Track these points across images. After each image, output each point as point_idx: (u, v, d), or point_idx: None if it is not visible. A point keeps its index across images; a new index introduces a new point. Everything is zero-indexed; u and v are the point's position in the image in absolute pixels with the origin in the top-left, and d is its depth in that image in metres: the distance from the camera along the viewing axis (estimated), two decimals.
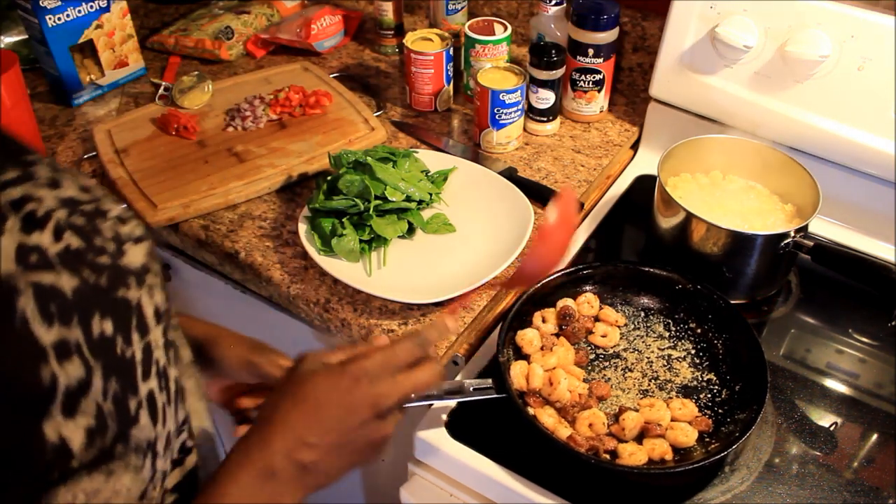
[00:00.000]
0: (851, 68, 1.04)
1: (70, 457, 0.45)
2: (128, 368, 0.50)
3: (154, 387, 0.52)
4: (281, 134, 1.25)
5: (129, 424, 0.49)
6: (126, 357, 0.49)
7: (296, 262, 1.04)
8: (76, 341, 0.46)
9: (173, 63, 1.45)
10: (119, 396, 0.48)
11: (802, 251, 0.98)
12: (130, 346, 0.50)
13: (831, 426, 0.91)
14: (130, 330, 0.50)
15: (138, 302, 0.52)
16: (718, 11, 1.11)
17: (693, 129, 1.18)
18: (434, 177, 1.13)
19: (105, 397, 0.47)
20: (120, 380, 0.48)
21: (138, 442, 0.50)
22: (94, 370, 0.46)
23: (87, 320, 0.47)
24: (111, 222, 0.54)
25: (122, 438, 0.49)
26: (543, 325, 0.96)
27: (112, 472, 0.49)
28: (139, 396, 0.50)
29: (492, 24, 1.28)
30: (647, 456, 0.83)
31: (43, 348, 0.44)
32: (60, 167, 0.54)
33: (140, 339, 0.51)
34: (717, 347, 0.95)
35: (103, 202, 0.54)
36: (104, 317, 0.48)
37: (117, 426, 0.48)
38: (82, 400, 0.45)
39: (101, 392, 0.47)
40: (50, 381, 0.44)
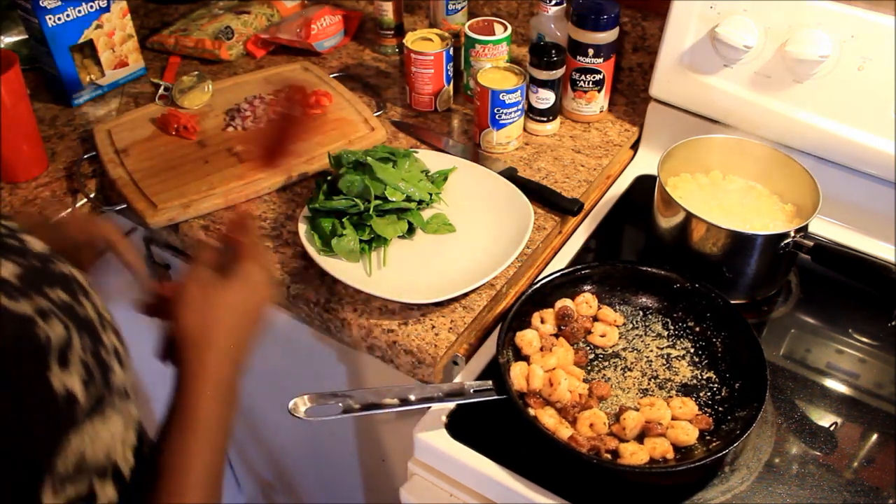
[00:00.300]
0: (851, 68, 1.04)
1: (76, 403, 0.51)
2: (91, 325, 0.56)
3: (113, 338, 0.59)
4: None
5: (107, 371, 0.56)
6: (86, 317, 0.56)
7: (296, 262, 1.04)
8: (48, 307, 0.52)
9: (173, 63, 1.45)
10: (93, 349, 0.55)
11: (802, 251, 0.98)
12: (84, 307, 0.57)
13: (831, 426, 0.91)
14: (78, 295, 0.57)
15: (71, 273, 0.59)
16: (718, 11, 1.11)
17: (693, 129, 1.18)
18: (434, 177, 1.13)
19: (84, 351, 0.53)
20: (89, 335, 0.55)
21: (117, 387, 0.57)
22: (70, 328, 0.53)
23: (44, 291, 0.53)
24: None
25: (106, 385, 0.55)
26: (542, 325, 0.96)
27: (105, 415, 0.55)
28: (107, 347, 0.57)
29: (492, 24, 1.28)
30: (648, 455, 0.83)
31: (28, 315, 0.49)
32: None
33: (87, 301, 0.58)
34: (716, 345, 0.95)
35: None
36: (53, 287, 0.55)
37: (100, 374, 0.55)
38: (69, 354, 0.51)
39: (81, 347, 0.53)
40: (45, 338, 0.49)
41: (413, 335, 0.95)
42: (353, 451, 1.28)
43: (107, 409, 0.55)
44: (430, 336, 0.95)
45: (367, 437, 1.23)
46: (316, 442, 1.35)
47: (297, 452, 1.43)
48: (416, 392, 0.83)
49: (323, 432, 1.30)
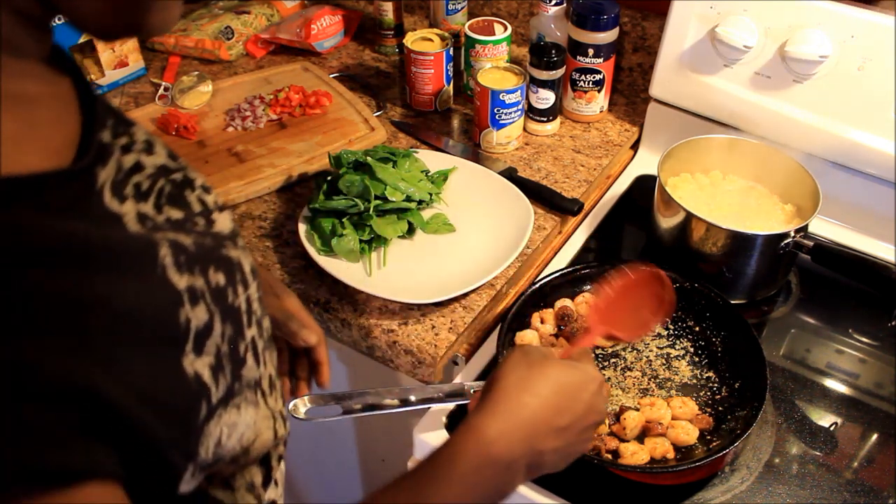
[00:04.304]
0: (851, 68, 1.04)
1: (209, 390, 0.49)
2: (237, 315, 0.54)
3: (255, 333, 0.57)
4: (281, 134, 1.25)
5: (240, 365, 0.54)
6: (235, 306, 0.54)
7: (296, 262, 1.04)
8: (201, 289, 0.50)
9: (173, 63, 1.45)
10: (232, 339, 0.53)
11: (802, 251, 0.98)
12: (237, 296, 0.55)
13: (831, 426, 0.91)
14: (236, 283, 0.55)
15: (238, 260, 0.57)
16: (718, 11, 1.11)
17: (693, 129, 1.18)
18: (434, 177, 1.13)
19: (223, 339, 0.51)
20: (232, 325, 0.53)
21: (248, 381, 0.55)
22: (214, 315, 0.51)
23: (206, 271, 0.51)
24: (198, 192, 0.59)
25: (237, 378, 0.53)
26: (542, 325, 0.96)
27: (239, 406, 0.53)
28: (246, 341, 0.55)
29: (492, 24, 1.28)
30: (648, 455, 0.83)
31: (179, 293, 0.48)
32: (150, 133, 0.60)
33: (243, 292, 0.56)
34: (716, 345, 0.95)
35: (188, 172, 0.60)
36: (217, 270, 0.53)
37: (231, 365, 0.52)
38: (207, 341, 0.49)
39: (220, 335, 0.51)
40: (185, 322, 0.48)
41: (413, 335, 0.95)
42: (353, 451, 1.28)
43: (238, 400, 0.53)
44: (430, 336, 0.95)
45: (366, 437, 1.23)
46: (316, 442, 1.35)
47: (296, 452, 1.43)
48: (416, 393, 0.83)
49: (323, 432, 1.30)
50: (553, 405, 0.63)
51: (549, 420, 0.62)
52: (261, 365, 0.58)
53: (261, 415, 0.56)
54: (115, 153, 0.50)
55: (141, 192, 0.52)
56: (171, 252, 0.48)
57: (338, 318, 0.97)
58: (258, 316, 0.59)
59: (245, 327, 0.55)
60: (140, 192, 0.52)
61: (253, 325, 0.57)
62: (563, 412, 0.63)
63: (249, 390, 0.55)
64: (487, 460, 0.59)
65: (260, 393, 0.57)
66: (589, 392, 0.65)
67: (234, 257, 0.57)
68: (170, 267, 0.48)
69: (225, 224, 0.60)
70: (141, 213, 0.50)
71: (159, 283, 0.47)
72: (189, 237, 0.52)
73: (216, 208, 0.60)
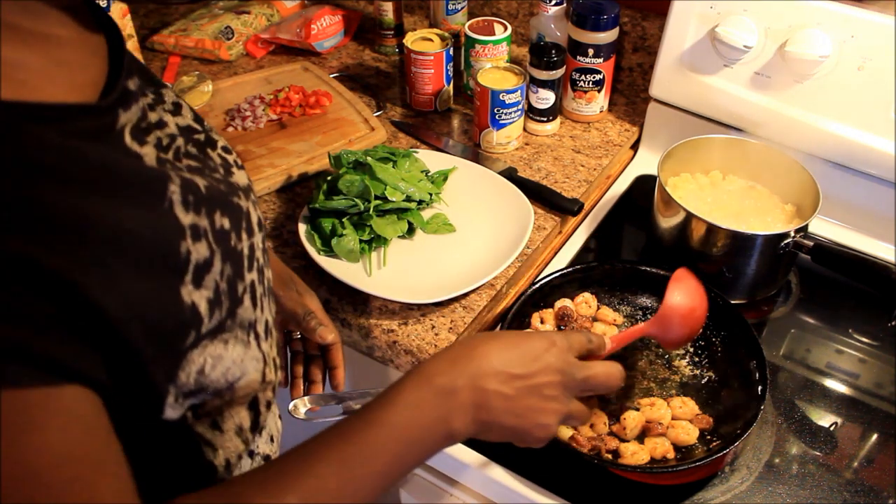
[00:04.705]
0: (851, 68, 1.04)
1: (201, 320, 0.52)
2: (238, 258, 0.58)
3: (255, 278, 0.61)
4: (281, 134, 1.25)
5: (237, 304, 0.57)
6: (237, 249, 0.58)
7: (296, 262, 1.04)
8: (205, 228, 0.54)
9: (173, 63, 1.45)
10: (231, 279, 0.56)
11: (802, 251, 0.98)
12: (241, 241, 0.59)
13: (831, 426, 0.91)
14: (241, 230, 0.59)
15: (247, 210, 0.61)
16: (718, 11, 1.11)
17: (693, 129, 1.18)
18: (434, 177, 1.13)
19: (222, 277, 0.55)
20: (232, 266, 0.57)
21: (242, 320, 0.58)
22: (215, 253, 0.54)
23: (212, 214, 0.55)
24: (219, 151, 0.64)
25: (231, 315, 0.56)
26: (542, 325, 0.96)
27: (227, 341, 0.56)
28: (244, 283, 0.58)
29: (492, 24, 1.28)
30: (649, 455, 0.83)
31: (183, 227, 0.52)
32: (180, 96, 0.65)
33: (247, 239, 0.60)
34: (716, 345, 0.95)
35: (212, 134, 0.65)
36: (223, 214, 0.57)
37: (229, 303, 0.56)
38: (206, 276, 0.53)
39: (219, 272, 0.55)
40: (186, 254, 0.51)
41: (413, 335, 0.95)
42: None
43: (228, 336, 0.56)
44: (430, 336, 0.95)
45: None
46: None
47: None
48: None
49: None
50: (505, 356, 0.63)
51: (499, 365, 0.63)
52: (257, 309, 0.60)
53: (249, 355, 0.59)
54: (138, 102, 0.54)
55: (162, 146, 0.56)
56: (180, 190, 0.53)
57: (338, 318, 0.97)
58: (260, 264, 0.62)
59: (245, 270, 0.59)
60: (161, 146, 0.56)
61: (254, 271, 0.60)
62: (513, 361, 0.64)
63: (242, 330, 0.58)
64: (428, 386, 0.60)
65: (253, 335, 0.60)
66: (549, 352, 0.65)
67: (244, 206, 0.61)
68: (177, 203, 0.52)
69: (241, 178, 0.64)
70: (160, 158, 0.55)
71: (165, 214, 0.51)
72: (204, 180, 0.56)
73: (235, 165, 0.65)
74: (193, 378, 0.52)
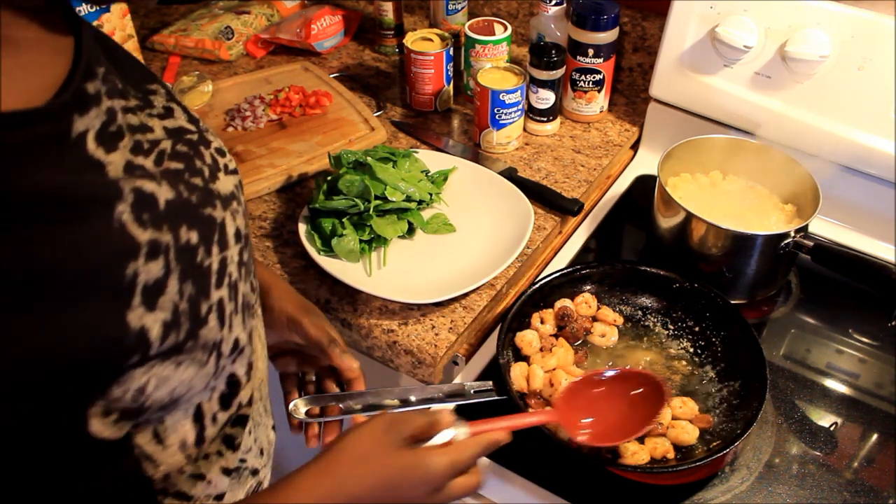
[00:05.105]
0: (851, 68, 1.04)
1: (149, 345, 0.50)
2: (203, 275, 0.55)
3: (224, 295, 0.58)
4: (281, 134, 1.25)
5: (199, 325, 0.54)
6: (204, 265, 0.55)
7: (296, 262, 1.04)
8: (166, 244, 0.52)
9: (173, 63, 1.45)
10: (193, 298, 0.54)
11: (802, 251, 0.98)
12: (209, 256, 0.56)
13: (831, 426, 0.91)
14: (211, 243, 0.56)
15: (222, 221, 0.58)
16: (718, 11, 1.11)
17: (693, 129, 1.18)
18: (434, 177, 1.13)
19: (181, 297, 0.52)
20: (196, 284, 0.54)
21: (205, 341, 0.55)
22: (172, 273, 0.52)
23: (177, 228, 0.53)
24: (211, 151, 0.62)
25: (192, 336, 0.54)
26: (542, 326, 0.96)
27: (180, 363, 0.53)
28: (210, 301, 0.56)
29: (492, 24, 1.28)
30: (649, 455, 0.83)
31: (137, 246, 0.49)
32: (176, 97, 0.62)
33: (219, 252, 0.57)
34: (716, 345, 0.95)
35: (207, 134, 0.63)
36: (191, 227, 0.54)
37: (189, 324, 0.53)
38: (160, 297, 0.51)
39: (178, 292, 0.52)
40: (132, 277, 0.49)
41: (413, 335, 0.95)
42: None
43: (183, 358, 0.53)
44: (430, 336, 0.95)
45: None
46: None
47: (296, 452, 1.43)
48: (416, 393, 0.83)
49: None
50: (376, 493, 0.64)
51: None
52: (225, 328, 0.58)
53: (203, 372, 0.57)
54: (101, 105, 0.51)
55: (142, 149, 0.54)
56: (131, 208, 0.50)
57: (338, 318, 0.97)
58: (233, 279, 0.59)
59: (212, 288, 0.56)
60: (141, 149, 0.54)
61: (223, 287, 0.57)
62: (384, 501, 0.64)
63: (203, 351, 0.55)
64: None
65: (215, 355, 0.57)
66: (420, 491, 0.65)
67: (218, 218, 0.58)
68: (130, 222, 0.49)
69: (225, 185, 0.61)
70: (132, 164, 0.52)
71: (112, 235, 0.48)
72: (172, 191, 0.54)
73: (225, 170, 0.62)
74: (131, 395, 0.50)
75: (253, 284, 0.67)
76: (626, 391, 0.83)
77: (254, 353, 0.66)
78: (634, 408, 0.82)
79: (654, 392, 0.82)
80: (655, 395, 0.81)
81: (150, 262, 0.50)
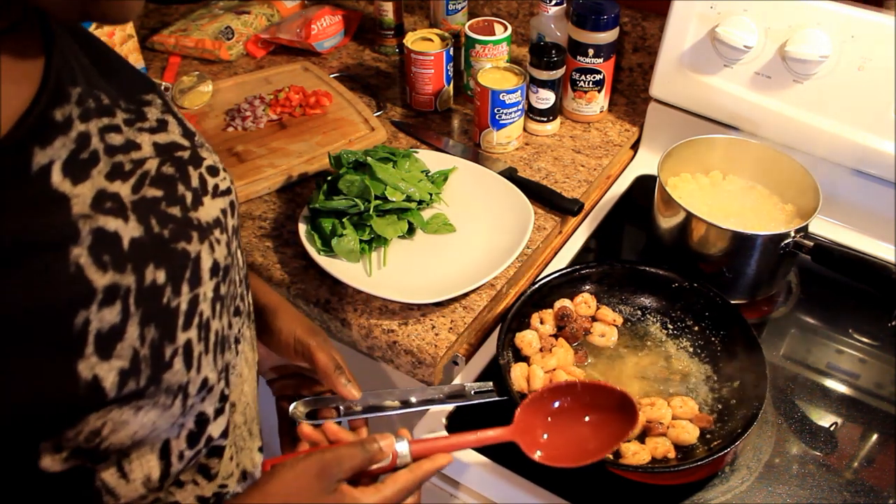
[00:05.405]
0: (851, 68, 1.04)
1: (103, 394, 0.48)
2: (169, 318, 0.52)
3: (193, 336, 0.54)
4: (281, 134, 1.25)
5: (162, 369, 0.51)
6: (171, 307, 0.52)
7: (296, 262, 1.04)
8: (127, 287, 0.48)
9: (173, 63, 1.45)
10: (156, 343, 0.50)
11: (802, 251, 0.98)
12: (178, 296, 0.53)
13: (831, 426, 0.91)
14: (181, 281, 0.53)
15: (196, 255, 0.55)
16: (718, 11, 1.11)
17: (693, 129, 1.18)
18: (434, 177, 1.13)
19: (142, 343, 0.49)
20: (160, 328, 0.51)
21: (170, 384, 0.52)
22: (131, 318, 0.49)
23: (142, 268, 0.50)
24: (201, 170, 0.57)
25: (154, 381, 0.51)
26: (542, 326, 0.96)
27: (141, 407, 0.51)
28: (176, 344, 0.52)
29: (492, 24, 1.28)
30: (650, 455, 0.83)
31: (93, 292, 0.46)
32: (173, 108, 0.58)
33: (189, 291, 0.54)
34: (716, 345, 0.95)
35: (201, 151, 0.58)
36: (159, 266, 0.51)
37: (151, 370, 0.50)
38: (117, 344, 0.48)
39: (138, 338, 0.49)
40: (82, 325, 0.46)
41: (413, 335, 0.95)
42: None
43: (144, 402, 0.51)
44: (430, 336, 0.95)
45: None
46: None
47: None
48: (416, 394, 0.83)
49: None
50: None
51: None
52: (192, 370, 0.55)
53: (167, 414, 0.54)
54: (70, 131, 0.48)
55: (121, 173, 0.51)
56: (89, 251, 0.47)
57: (338, 318, 0.97)
58: (205, 318, 0.55)
59: (179, 330, 0.53)
60: (119, 172, 0.51)
61: (192, 328, 0.54)
62: None
63: (167, 395, 0.53)
64: None
65: (181, 397, 0.54)
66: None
67: (192, 252, 0.54)
68: (88, 266, 0.46)
69: (209, 212, 0.57)
70: (104, 193, 0.49)
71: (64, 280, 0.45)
72: (140, 227, 0.51)
73: (213, 192, 0.58)
74: (85, 436, 0.48)
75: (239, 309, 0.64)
76: (594, 407, 0.80)
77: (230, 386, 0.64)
78: (601, 426, 0.79)
79: (625, 411, 0.78)
80: (625, 414, 0.78)
81: (105, 309, 0.47)
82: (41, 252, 0.45)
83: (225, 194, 0.60)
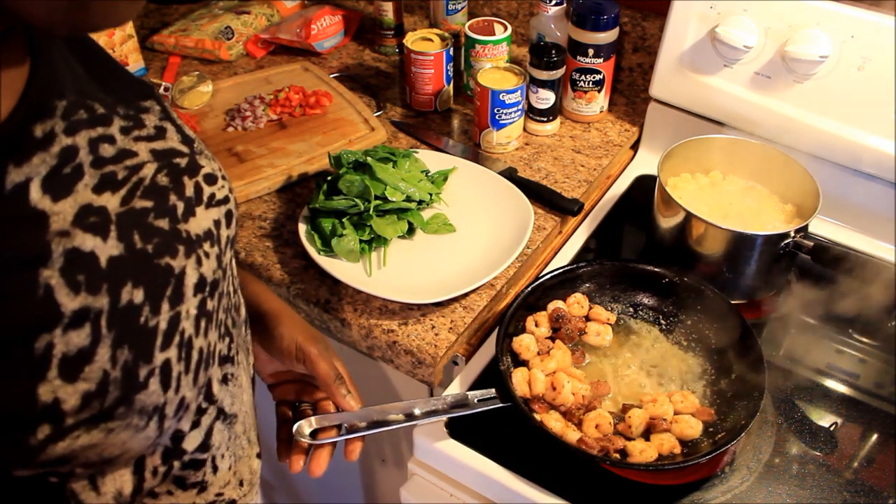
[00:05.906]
0: (851, 68, 1.04)
1: (61, 416, 0.46)
2: (146, 338, 0.50)
3: (172, 356, 0.52)
4: (281, 134, 1.25)
5: (135, 390, 0.49)
6: (148, 327, 0.50)
7: (296, 262, 1.04)
8: (98, 310, 0.46)
9: (173, 63, 1.45)
10: (129, 365, 0.48)
11: (802, 251, 0.98)
12: (157, 315, 0.50)
13: (831, 426, 0.91)
14: (161, 299, 0.51)
15: (181, 271, 0.52)
16: (718, 11, 1.11)
17: (693, 129, 1.18)
18: (434, 177, 1.13)
19: (114, 365, 0.47)
20: (134, 349, 0.49)
21: (143, 406, 0.50)
22: (102, 340, 0.47)
23: (118, 289, 0.48)
24: (197, 179, 0.55)
25: (125, 402, 0.49)
26: (537, 329, 0.96)
27: (111, 430, 0.49)
28: (153, 365, 0.50)
29: (492, 24, 1.28)
30: (656, 452, 0.83)
31: (59, 315, 0.44)
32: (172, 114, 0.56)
33: (169, 310, 0.51)
34: (709, 337, 0.95)
35: (199, 158, 0.56)
36: (137, 285, 0.49)
37: (120, 392, 0.48)
38: (86, 367, 0.46)
39: (109, 360, 0.47)
40: (45, 349, 0.44)
41: (413, 335, 0.95)
42: None
43: (115, 424, 0.49)
44: (430, 336, 0.95)
45: (367, 439, 1.23)
46: None
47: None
48: (420, 406, 0.82)
49: None
50: None
51: None
52: (170, 391, 0.52)
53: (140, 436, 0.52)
54: (52, 146, 0.46)
55: (112, 183, 0.49)
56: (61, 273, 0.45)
57: (338, 318, 0.97)
58: (186, 336, 0.53)
59: (157, 350, 0.51)
60: (110, 183, 0.49)
61: (171, 348, 0.52)
62: None
63: (140, 416, 0.50)
64: None
65: (157, 418, 0.52)
66: None
67: (176, 267, 0.52)
68: (58, 287, 0.45)
69: (200, 224, 0.56)
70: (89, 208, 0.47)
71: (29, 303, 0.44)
72: (121, 244, 0.49)
73: (208, 202, 0.57)
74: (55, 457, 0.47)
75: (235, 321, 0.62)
76: None
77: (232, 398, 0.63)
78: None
79: None
80: None
81: (72, 332, 0.45)
82: (11, 273, 0.43)
83: (221, 203, 0.58)
